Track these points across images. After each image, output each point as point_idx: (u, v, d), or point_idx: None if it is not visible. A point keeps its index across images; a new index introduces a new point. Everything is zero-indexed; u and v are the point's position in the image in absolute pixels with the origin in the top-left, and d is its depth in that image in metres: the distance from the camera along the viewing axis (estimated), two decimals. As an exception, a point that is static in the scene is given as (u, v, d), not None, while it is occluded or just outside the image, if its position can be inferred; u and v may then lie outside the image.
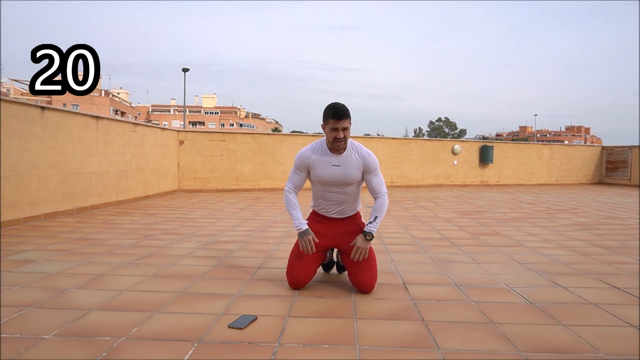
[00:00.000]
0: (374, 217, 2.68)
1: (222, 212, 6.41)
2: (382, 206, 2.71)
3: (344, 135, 2.56)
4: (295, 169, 2.77)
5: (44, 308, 2.33)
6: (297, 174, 2.77)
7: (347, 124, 2.55)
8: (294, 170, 2.78)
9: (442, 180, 12.57)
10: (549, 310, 2.39)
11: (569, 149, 14.47)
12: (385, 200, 2.72)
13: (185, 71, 30.94)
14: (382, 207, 2.71)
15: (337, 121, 2.52)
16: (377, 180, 2.73)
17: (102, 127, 6.63)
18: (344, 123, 2.53)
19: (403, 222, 5.58)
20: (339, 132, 2.54)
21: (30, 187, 5.15)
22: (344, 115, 2.53)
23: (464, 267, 3.31)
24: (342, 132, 2.54)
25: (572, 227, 5.25)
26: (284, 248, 3.85)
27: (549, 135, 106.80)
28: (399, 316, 2.28)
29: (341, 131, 2.54)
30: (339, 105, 2.56)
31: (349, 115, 2.56)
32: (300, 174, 2.77)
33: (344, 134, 2.55)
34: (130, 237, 4.30)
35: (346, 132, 2.56)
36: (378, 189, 2.73)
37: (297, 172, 2.77)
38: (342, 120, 2.52)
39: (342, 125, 2.53)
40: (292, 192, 2.78)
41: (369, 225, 2.66)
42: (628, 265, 3.42)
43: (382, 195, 2.72)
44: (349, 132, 2.58)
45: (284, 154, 10.59)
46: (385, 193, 2.73)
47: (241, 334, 2.02)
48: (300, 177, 2.77)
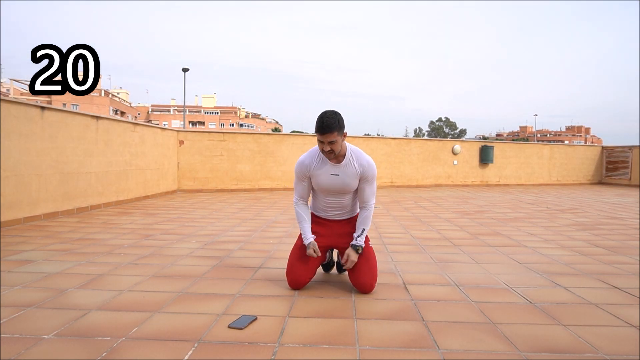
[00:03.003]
0: (361, 230, 2.70)
1: (222, 212, 6.41)
2: (368, 218, 2.74)
3: (331, 149, 2.51)
4: (297, 179, 2.76)
5: (44, 308, 2.33)
6: (300, 183, 2.76)
7: (334, 137, 2.47)
8: (297, 181, 2.78)
9: (442, 180, 12.57)
10: (549, 310, 2.39)
11: (569, 149, 14.46)
12: (371, 212, 2.75)
13: (185, 71, 30.94)
14: (368, 219, 2.74)
15: (321, 135, 2.47)
16: (370, 191, 2.72)
17: (102, 127, 6.63)
18: (329, 137, 2.46)
19: (403, 222, 5.58)
20: (325, 145, 2.51)
21: (30, 187, 5.15)
22: (327, 130, 2.44)
23: (464, 267, 3.31)
24: (329, 145, 2.49)
25: (572, 227, 5.25)
26: (284, 248, 3.85)
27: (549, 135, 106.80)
28: (399, 316, 2.28)
29: (327, 144, 2.49)
30: (325, 119, 2.46)
31: (334, 129, 2.45)
32: (303, 183, 2.76)
33: (330, 147, 2.50)
34: (130, 237, 4.30)
35: (333, 146, 2.50)
36: (367, 199, 2.73)
37: (300, 182, 2.76)
38: (326, 135, 2.46)
39: (328, 139, 2.47)
40: (300, 202, 2.79)
41: (358, 239, 2.68)
42: (628, 265, 3.42)
43: (369, 207, 2.74)
44: (337, 145, 2.51)
45: (284, 154, 10.59)
46: (372, 205, 2.75)
47: (241, 334, 2.02)
48: (304, 186, 2.77)
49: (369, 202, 2.74)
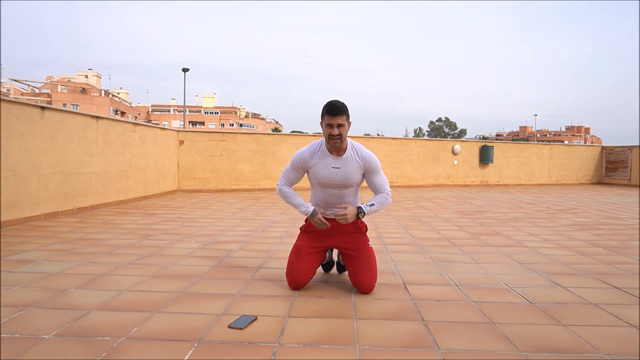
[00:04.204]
0: (372, 203, 2.67)
1: (222, 212, 6.41)
2: (385, 200, 2.70)
3: (339, 132, 2.54)
4: (292, 167, 2.77)
5: (44, 308, 2.33)
6: (292, 172, 2.77)
7: (343, 120, 2.53)
8: (290, 168, 2.78)
9: (442, 180, 12.57)
10: (549, 310, 2.39)
11: (569, 149, 14.46)
12: (389, 197, 2.72)
13: (185, 71, 30.94)
14: (384, 201, 2.70)
15: (331, 117, 2.51)
16: (380, 180, 2.72)
17: (102, 127, 6.63)
18: (339, 119, 2.51)
19: (403, 222, 5.58)
20: (334, 129, 2.53)
21: (30, 187, 5.15)
22: (338, 112, 2.51)
23: (464, 267, 3.31)
24: (337, 128, 2.53)
25: (572, 227, 5.25)
26: (284, 248, 3.85)
27: (549, 135, 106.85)
28: (399, 316, 2.28)
29: (336, 127, 2.52)
30: (335, 102, 2.55)
31: (344, 112, 2.53)
32: (296, 173, 2.77)
33: (338, 130, 2.53)
34: (130, 237, 4.30)
35: (341, 129, 2.54)
36: (381, 187, 2.72)
37: (293, 171, 2.77)
38: (336, 117, 2.51)
39: (337, 122, 2.51)
40: (285, 186, 2.79)
41: (365, 206, 2.65)
42: (628, 265, 3.42)
43: (386, 192, 2.72)
44: (345, 130, 2.56)
45: (284, 154, 10.59)
46: (389, 192, 2.73)
47: (241, 334, 2.02)
48: (295, 176, 2.78)
49: (384, 189, 2.71)
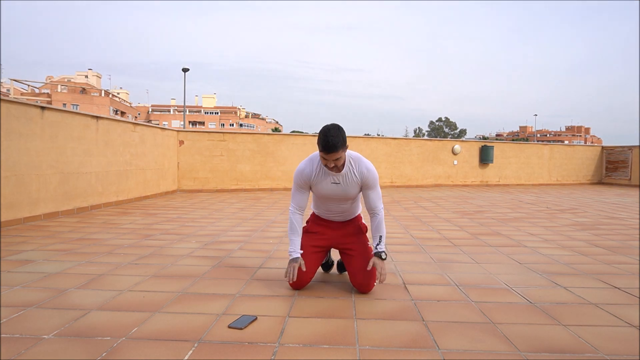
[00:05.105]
0: (379, 237, 2.66)
1: (222, 212, 6.41)
2: (381, 224, 2.69)
3: (335, 165, 2.49)
4: (297, 188, 2.71)
5: (44, 308, 2.33)
6: (299, 192, 2.71)
7: (338, 155, 2.43)
8: (295, 189, 2.73)
9: (442, 180, 12.57)
10: (549, 310, 2.39)
11: (569, 149, 14.46)
12: (382, 217, 2.71)
13: (185, 71, 30.94)
14: (382, 225, 2.70)
15: (327, 154, 2.43)
16: (375, 196, 2.68)
17: (102, 127, 6.63)
18: (334, 156, 2.43)
19: (403, 222, 5.58)
20: (329, 162, 2.47)
21: (30, 187, 5.15)
22: (333, 150, 2.39)
23: (464, 267, 3.31)
24: (333, 162, 2.47)
25: (572, 227, 5.25)
26: (284, 248, 3.85)
27: (549, 135, 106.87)
28: (399, 316, 2.28)
29: (332, 161, 2.46)
30: (329, 137, 2.38)
31: (339, 148, 2.40)
32: (303, 192, 2.72)
33: (334, 163, 2.48)
34: (130, 237, 4.30)
35: (337, 162, 2.47)
36: (374, 205, 2.69)
37: (299, 190, 2.71)
38: (331, 154, 2.42)
39: (332, 158, 2.44)
40: (297, 213, 2.73)
41: (378, 247, 2.63)
42: (628, 265, 3.42)
43: (379, 212, 2.69)
44: (341, 160, 2.48)
45: (284, 154, 10.59)
46: (382, 209, 2.71)
47: (241, 334, 2.02)
48: (303, 196, 2.72)
49: (378, 208, 2.68)
